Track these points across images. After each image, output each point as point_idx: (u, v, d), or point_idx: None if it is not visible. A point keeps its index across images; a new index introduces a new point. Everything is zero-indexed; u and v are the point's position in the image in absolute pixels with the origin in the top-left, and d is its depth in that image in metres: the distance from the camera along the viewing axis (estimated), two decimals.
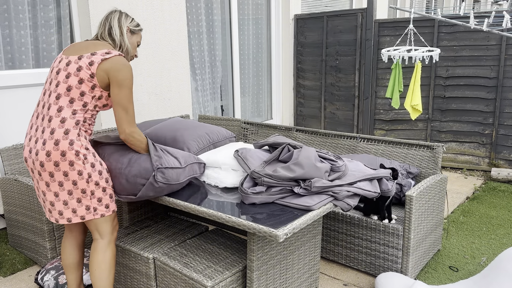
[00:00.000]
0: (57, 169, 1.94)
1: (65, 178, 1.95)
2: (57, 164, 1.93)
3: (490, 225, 3.46)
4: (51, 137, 1.94)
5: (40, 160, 1.94)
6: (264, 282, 2.12)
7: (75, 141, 1.96)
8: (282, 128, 3.62)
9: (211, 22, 4.97)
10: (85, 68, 1.98)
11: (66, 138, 1.94)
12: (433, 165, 2.93)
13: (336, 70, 5.56)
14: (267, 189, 2.13)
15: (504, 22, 3.33)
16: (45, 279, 2.57)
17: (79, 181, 1.97)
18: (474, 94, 4.72)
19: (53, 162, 1.93)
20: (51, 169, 1.94)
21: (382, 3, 7.62)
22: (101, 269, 2.12)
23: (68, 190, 1.97)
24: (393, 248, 2.60)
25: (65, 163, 1.93)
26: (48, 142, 1.93)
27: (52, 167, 1.94)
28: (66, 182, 1.96)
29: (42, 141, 1.95)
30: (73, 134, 1.96)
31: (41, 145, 1.95)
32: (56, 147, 1.92)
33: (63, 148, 1.93)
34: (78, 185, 1.97)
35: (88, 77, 1.98)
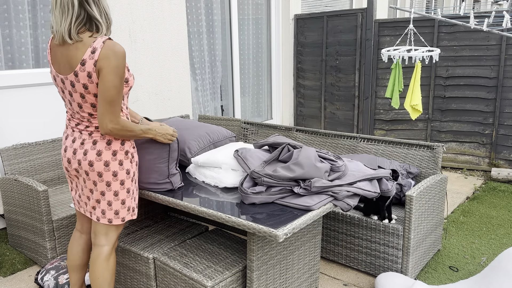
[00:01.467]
0: (92, 168, 1.92)
1: (99, 178, 1.94)
2: (92, 164, 1.92)
3: (490, 225, 3.46)
4: (103, 137, 1.93)
5: (78, 159, 1.93)
6: (264, 282, 2.12)
7: (113, 142, 1.95)
8: (282, 128, 3.62)
9: (211, 22, 4.97)
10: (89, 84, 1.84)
11: (103, 139, 1.93)
12: (433, 165, 2.93)
13: (336, 70, 5.56)
14: (267, 189, 2.13)
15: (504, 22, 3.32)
16: (45, 279, 2.57)
17: (113, 182, 1.96)
18: (474, 94, 4.72)
19: (88, 162, 1.92)
20: (86, 168, 1.93)
21: (382, 3, 7.62)
22: (104, 277, 2.06)
23: (101, 191, 1.96)
24: (393, 248, 2.60)
25: (100, 163, 1.92)
26: (100, 142, 1.92)
27: (87, 166, 1.92)
28: (100, 183, 1.95)
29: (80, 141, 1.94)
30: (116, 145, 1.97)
31: (79, 145, 1.94)
32: (93, 146, 1.92)
33: (100, 148, 1.92)
34: (111, 186, 1.96)
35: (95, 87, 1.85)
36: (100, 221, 2.01)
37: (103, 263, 2.05)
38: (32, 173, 3.27)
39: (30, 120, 3.53)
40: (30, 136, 3.54)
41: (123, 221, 2.04)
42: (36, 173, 3.30)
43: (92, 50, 1.80)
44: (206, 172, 2.49)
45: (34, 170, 3.28)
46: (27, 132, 3.52)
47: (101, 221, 2.01)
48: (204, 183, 2.46)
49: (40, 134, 3.59)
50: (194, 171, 2.59)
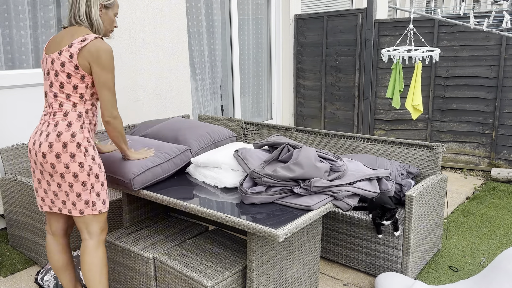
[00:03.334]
0: (58, 160, 1.97)
1: (66, 170, 1.98)
2: (59, 156, 1.97)
3: (490, 225, 3.46)
4: (55, 129, 1.98)
5: (43, 152, 1.98)
6: (264, 282, 2.12)
7: (77, 133, 2.00)
8: (282, 128, 3.62)
9: (211, 22, 4.97)
10: (68, 62, 1.99)
11: (68, 130, 1.99)
12: (433, 165, 2.93)
13: (336, 70, 5.56)
14: (266, 189, 2.13)
15: (504, 22, 3.32)
16: (45, 279, 2.57)
17: (79, 174, 1.99)
18: (474, 94, 4.72)
19: (54, 154, 1.96)
20: (53, 161, 1.97)
21: (382, 3, 7.62)
22: (92, 271, 2.11)
23: (69, 183, 2.00)
24: (393, 248, 2.60)
25: (66, 155, 1.97)
26: (51, 134, 1.98)
27: (53, 158, 1.97)
28: (67, 174, 1.98)
29: (46, 133, 2.00)
30: (76, 126, 2.01)
31: (44, 137, 1.99)
32: (58, 139, 1.97)
33: (65, 140, 1.97)
34: (78, 177, 1.99)
35: (73, 70, 2.00)
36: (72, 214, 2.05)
37: (89, 256, 2.10)
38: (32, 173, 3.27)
39: (30, 120, 3.53)
40: None
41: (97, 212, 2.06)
42: None
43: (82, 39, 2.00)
44: (206, 172, 2.49)
45: None
46: (27, 132, 3.52)
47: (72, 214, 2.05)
48: (204, 183, 2.46)
49: None
50: (194, 172, 2.59)
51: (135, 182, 2.31)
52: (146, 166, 2.36)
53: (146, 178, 2.35)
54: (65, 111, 2.02)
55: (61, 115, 2.02)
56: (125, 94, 4.01)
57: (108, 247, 2.47)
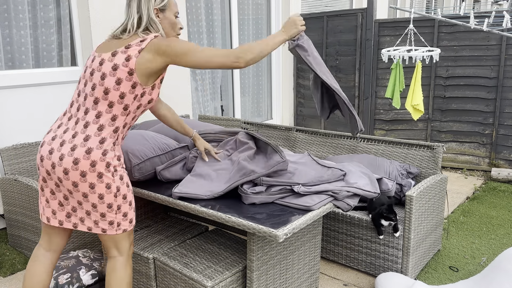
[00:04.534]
0: (83, 179, 1.75)
1: (91, 190, 1.77)
2: (84, 175, 1.75)
3: (490, 225, 3.46)
4: (84, 144, 1.75)
5: (65, 167, 1.74)
6: (264, 282, 2.12)
7: (109, 151, 1.79)
8: (282, 128, 3.62)
9: (211, 22, 4.97)
10: (122, 65, 1.75)
11: (100, 148, 1.76)
12: (433, 165, 2.93)
13: (336, 70, 5.56)
14: (266, 189, 2.13)
15: (504, 22, 3.32)
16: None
17: (106, 195, 1.79)
18: (474, 94, 4.72)
19: (79, 172, 1.74)
20: (76, 179, 1.75)
21: (382, 3, 7.62)
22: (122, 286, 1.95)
23: (92, 203, 1.79)
24: (393, 248, 2.60)
25: (93, 174, 1.75)
26: (79, 149, 1.74)
27: (77, 176, 1.74)
28: (91, 195, 1.78)
29: (71, 146, 1.75)
30: (109, 143, 1.79)
31: (68, 150, 1.75)
32: (87, 156, 1.74)
33: (95, 158, 1.75)
34: (104, 199, 1.79)
35: (126, 75, 1.76)
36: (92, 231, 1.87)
37: (120, 273, 1.93)
38: (32, 173, 3.27)
39: (30, 120, 3.53)
40: (30, 136, 3.54)
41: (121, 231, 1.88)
42: (36, 173, 3.30)
43: (141, 40, 1.80)
44: None
45: (34, 170, 3.28)
46: (27, 132, 3.52)
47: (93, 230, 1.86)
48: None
49: (40, 134, 3.59)
50: None
51: (135, 170, 2.34)
52: (146, 156, 2.39)
53: (146, 168, 2.39)
54: (100, 124, 1.78)
55: (95, 128, 1.77)
56: None
57: None
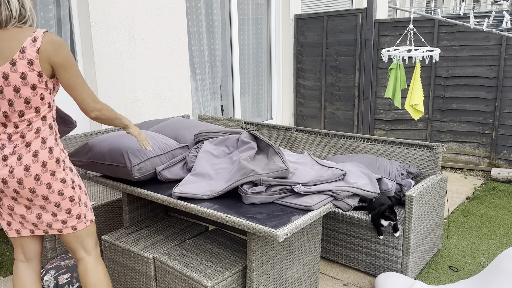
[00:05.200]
0: (39, 182, 1.74)
1: (49, 190, 1.76)
2: (39, 178, 1.73)
3: (490, 225, 3.46)
4: (28, 149, 1.73)
5: (17, 177, 1.71)
6: (264, 282, 2.12)
7: (54, 148, 1.78)
8: (282, 128, 3.62)
9: (211, 22, 4.97)
10: (29, 71, 1.68)
11: (45, 147, 1.75)
12: (433, 165, 2.93)
13: (336, 70, 5.56)
14: (266, 189, 2.13)
15: (504, 22, 3.32)
16: (45, 279, 2.57)
17: (64, 190, 1.80)
18: (474, 94, 4.72)
19: (33, 177, 1.73)
20: (32, 185, 1.73)
21: (382, 3, 7.62)
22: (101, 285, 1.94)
23: (55, 202, 1.79)
24: (393, 248, 2.60)
25: (46, 174, 1.75)
26: (25, 156, 1.72)
27: (33, 182, 1.73)
28: (51, 195, 1.77)
29: (16, 156, 1.72)
30: (51, 141, 1.78)
31: (15, 161, 1.71)
32: (35, 159, 1.73)
33: (43, 159, 1.74)
34: (65, 194, 1.80)
35: (37, 78, 1.71)
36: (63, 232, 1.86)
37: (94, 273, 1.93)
38: None
39: None
40: None
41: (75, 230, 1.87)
42: None
43: (32, 38, 1.69)
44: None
45: None
46: None
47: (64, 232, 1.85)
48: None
49: None
50: None
51: (134, 170, 2.34)
52: (146, 156, 2.39)
53: (146, 168, 2.39)
54: (36, 128, 1.75)
55: (33, 133, 1.74)
56: (125, 94, 4.01)
57: (108, 247, 2.47)
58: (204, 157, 2.44)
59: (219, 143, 2.55)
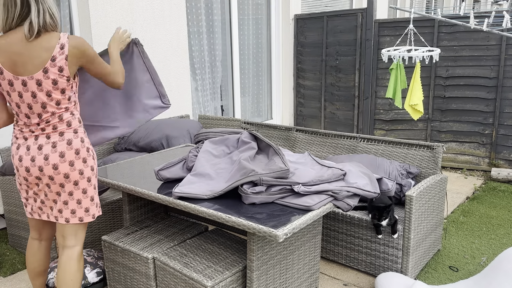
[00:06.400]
0: (73, 168, 1.94)
1: (81, 176, 1.98)
2: (72, 164, 1.94)
3: (490, 225, 3.46)
4: (61, 138, 1.93)
5: (53, 163, 1.91)
6: (264, 282, 2.12)
7: (85, 138, 2.01)
8: (282, 128, 3.62)
9: (211, 22, 4.97)
10: (59, 77, 1.88)
11: (77, 137, 1.97)
12: (433, 165, 2.93)
13: (336, 70, 5.56)
14: (266, 189, 2.13)
15: (504, 22, 3.32)
16: (49, 277, 2.57)
17: (92, 177, 2.03)
18: (474, 94, 4.72)
19: (68, 162, 1.93)
20: (66, 170, 1.93)
21: (382, 3, 7.62)
22: (76, 279, 2.08)
23: (83, 189, 2.00)
24: (393, 248, 2.60)
25: (80, 161, 1.96)
26: (60, 144, 1.92)
27: (67, 167, 1.93)
28: (81, 181, 1.98)
29: (50, 145, 1.91)
30: (81, 132, 2.00)
31: (50, 148, 1.91)
32: (69, 147, 1.93)
33: (77, 146, 1.96)
34: (92, 181, 2.03)
35: (66, 83, 1.91)
36: (70, 222, 2.02)
37: (75, 264, 2.07)
38: None
39: None
40: None
41: (94, 218, 2.08)
42: None
43: (60, 46, 1.85)
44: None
45: None
46: None
47: (71, 222, 2.02)
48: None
49: None
50: None
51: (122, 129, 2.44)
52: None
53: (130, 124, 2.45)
54: (67, 121, 1.96)
55: (64, 125, 1.95)
56: None
57: (108, 247, 2.47)
58: (204, 156, 2.44)
59: (219, 142, 2.54)
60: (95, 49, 3.72)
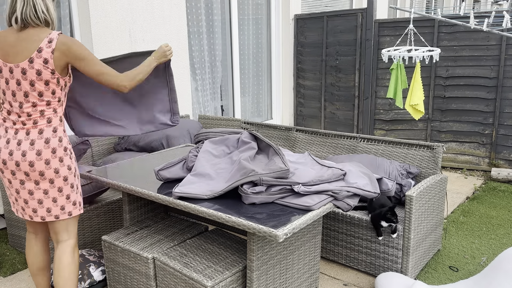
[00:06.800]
0: (48, 167, 1.97)
1: (56, 175, 1.99)
2: (48, 162, 1.97)
3: (490, 225, 3.46)
4: (40, 136, 1.96)
5: (30, 160, 1.94)
6: (264, 282, 2.12)
7: (63, 138, 2.03)
8: (282, 128, 3.62)
9: (211, 22, 4.97)
10: (43, 69, 1.92)
11: (55, 136, 1.99)
12: (433, 165, 2.93)
13: (336, 70, 5.56)
14: (266, 189, 2.13)
15: (504, 22, 3.32)
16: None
17: (68, 176, 2.04)
18: (474, 94, 4.72)
19: (44, 161, 1.95)
20: (42, 168, 1.96)
21: (382, 3, 7.62)
22: (71, 270, 2.13)
23: (58, 187, 2.02)
24: (393, 248, 2.60)
25: (56, 160, 1.98)
26: (38, 142, 1.95)
27: (43, 165, 1.96)
28: (57, 179, 2.00)
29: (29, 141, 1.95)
30: (60, 131, 2.02)
31: (28, 146, 1.95)
32: (46, 145, 1.96)
33: (54, 145, 1.98)
34: (68, 180, 2.04)
35: (50, 75, 1.94)
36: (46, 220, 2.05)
37: (69, 257, 2.13)
38: None
39: None
40: None
41: (70, 215, 2.09)
42: None
43: (48, 40, 1.92)
44: None
45: None
46: None
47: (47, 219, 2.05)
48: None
49: None
50: None
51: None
52: None
53: None
54: (48, 117, 1.99)
55: (45, 121, 1.98)
56: None
57: (108, 247, 2.47)
58: (204, 156, 2.44)
59: (219, 142, 2.54)
60: (95, 50, 3.72)
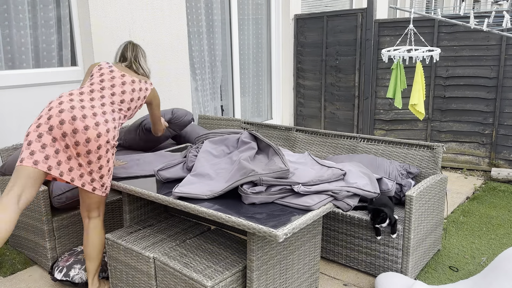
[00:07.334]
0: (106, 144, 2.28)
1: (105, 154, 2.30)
2: (99, 135, 2.24)
3: (490, 225, 3.46)
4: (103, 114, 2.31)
5: (88, 136, 2.21)
6: (264, 282, 2.12)
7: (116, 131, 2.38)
8: (282, 128, 3.63)
9: (211, 22, 4.97)
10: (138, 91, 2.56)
11: (113, 123, 2.35)
12: (433, 165, 2.93)
13: (336, 70, 5.56)
14: (266, 189, 2.13)
15: (504, 22, 3.33)
16: (72, 274, 2.56)
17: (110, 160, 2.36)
18: (474, 94, 4.72)
19: (97, 133, 2.24)
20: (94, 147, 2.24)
21: (382, 3, 7.62)
22: (103, 244, 2.48)
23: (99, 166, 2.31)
24: (393, 248, 2.61)
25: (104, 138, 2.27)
26: (99, 117, 2.28)
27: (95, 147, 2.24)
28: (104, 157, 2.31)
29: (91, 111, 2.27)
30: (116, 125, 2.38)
31: (90, 113, 2.26)
32: (105, 123, 2.28)
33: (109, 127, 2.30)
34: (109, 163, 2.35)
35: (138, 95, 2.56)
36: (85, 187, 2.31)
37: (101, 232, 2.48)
38: None
39: (30, 120, 3.53)
40: None
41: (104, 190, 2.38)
42: None
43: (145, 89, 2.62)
44: None
45: None
46: None
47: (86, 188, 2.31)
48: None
49: None
50: None
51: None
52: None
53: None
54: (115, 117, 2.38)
55: (111, 116, 2.34)
56: None
57: (110, 245, 2.48)
58: (204, 157, 2.44)
59: (219, 142, 2.54)
60: (95, 50, 3.72)
